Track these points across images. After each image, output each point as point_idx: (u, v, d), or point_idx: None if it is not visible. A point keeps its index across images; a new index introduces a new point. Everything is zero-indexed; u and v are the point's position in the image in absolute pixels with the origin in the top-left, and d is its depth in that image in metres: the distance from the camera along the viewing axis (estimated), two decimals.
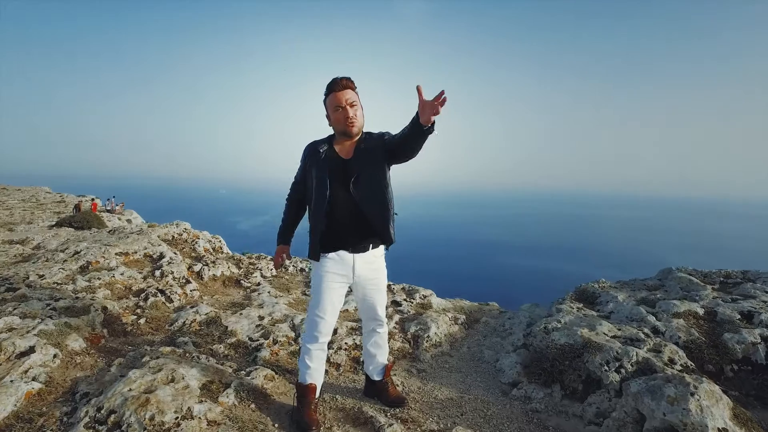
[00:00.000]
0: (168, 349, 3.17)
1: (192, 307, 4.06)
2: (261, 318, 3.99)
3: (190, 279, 4.78)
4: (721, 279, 4.08)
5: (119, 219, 20.31)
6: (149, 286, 4.38)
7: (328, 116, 2.36)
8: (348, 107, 2.26)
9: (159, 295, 4.20)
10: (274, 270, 5.63)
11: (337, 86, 2.25)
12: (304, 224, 2.62)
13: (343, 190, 2.31)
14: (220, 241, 6.55)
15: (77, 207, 18.19)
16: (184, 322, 3.81)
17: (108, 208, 21.19)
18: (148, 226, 6.27)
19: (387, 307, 4.38)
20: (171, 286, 4.49)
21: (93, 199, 24.09)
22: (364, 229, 2.37)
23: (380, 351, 2.75)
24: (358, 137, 2.40)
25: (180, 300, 4.31)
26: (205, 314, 3.95)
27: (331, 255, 2.37)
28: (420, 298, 4.93)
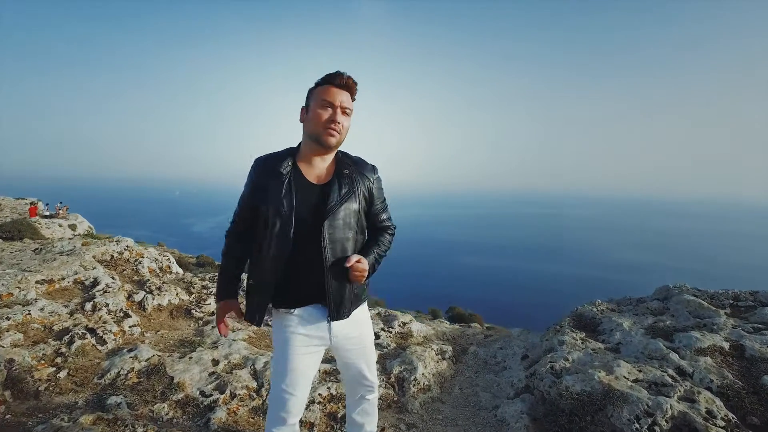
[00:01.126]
0: (91, 417, 2.47)
1: (130, 351, 3.33)
2: (215, 362, 3.32)
3: (130, 311, 4.02)
4: (731, 302, 3.75)
5: (60, 225, 18.66)
6: (77, 324, 3.59)
7: (306, 109, 1.75)
8: (339, 109, 1.69)
9: (88, 335, 3.43)
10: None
11: (338, 80, 1.69)
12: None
13: (315, 227, 1.72)
14: (168, 259, 5.75)
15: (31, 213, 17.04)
16: (119, 372, 3.09)
17: (46, 213, 19.43)
18: (83, 244, 5.39)
19: None
20: (105, 322, 3.72)
21: (32, 203, 22.10)
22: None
23: (369, 419, 2.17)
24: (333, 155, 1.83)
25: (115, 341, 3.56)
26: (146, 360, 3.23)
27: (298, 311, 1.76)
28: (399, 326, 4.38)
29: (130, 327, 3.79)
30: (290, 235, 1.68)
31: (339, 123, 1.68)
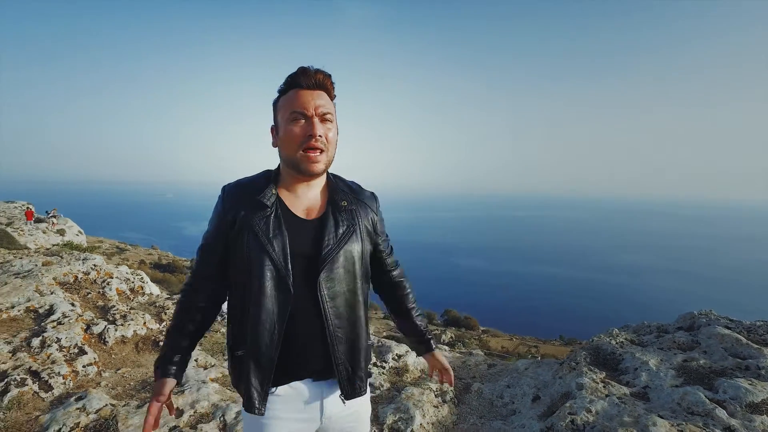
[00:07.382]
0: None
1: (78, 399, 2.84)
2: (179, 412, 2.84)
3: (87, 347, 3.52)
4: None
5: (44, 232, 18.04)
6: (18, 366, 3.09)
7: (275, 128, 1.30)
8: (316, 119, 1.22)
9: (29, 381, 2.94)
10: None
11: (306, 79, 1.23)
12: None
13: (309, 279, 1.26)
14: (141, 278, 5.26)
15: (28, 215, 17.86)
16: (60, 429, 2.60)
17: (31, 219, 18.80)
18: (43, 264, 4.89)
19: None
20: (53, 362, 3.22)
21: (27, 207, 21.61)
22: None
23: None
24: (324, 181, 1.39)
25: (65, 384, 3.06)
26: (96, 412, 2.74)
27: (282, 390, 1.28)
28: (393, 359, 3.91)
29: (84, 366, 3.29)
30: (290, 287, 1.22)
31: (320, 136, 1.22)
